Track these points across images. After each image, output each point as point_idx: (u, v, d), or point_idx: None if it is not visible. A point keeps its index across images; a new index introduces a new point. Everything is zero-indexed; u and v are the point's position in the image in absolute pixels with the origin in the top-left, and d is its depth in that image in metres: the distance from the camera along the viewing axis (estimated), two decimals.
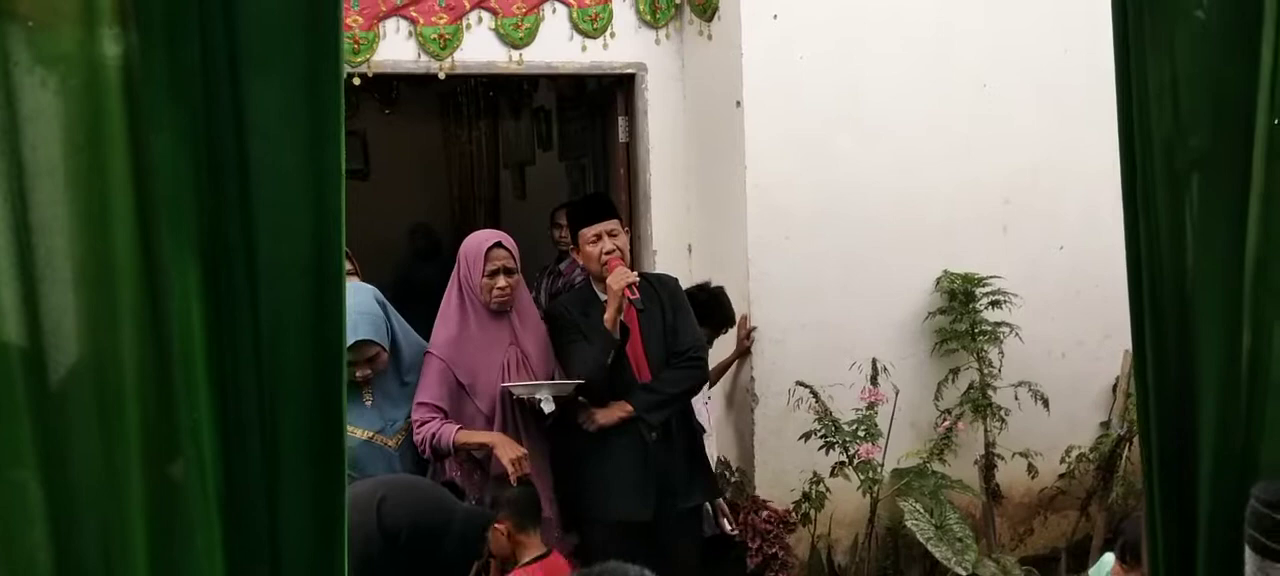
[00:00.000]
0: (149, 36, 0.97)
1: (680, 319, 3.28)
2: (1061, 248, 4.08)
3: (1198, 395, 1.35)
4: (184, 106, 0.97)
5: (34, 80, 0.95)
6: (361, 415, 3.01)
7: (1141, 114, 1.25)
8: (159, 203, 0.98)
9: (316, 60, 0.97)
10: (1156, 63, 1.23)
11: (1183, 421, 1.35)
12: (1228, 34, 1.23)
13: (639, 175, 4.22)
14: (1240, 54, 1.24)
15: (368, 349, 2.92)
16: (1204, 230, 1.29)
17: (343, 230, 1.01)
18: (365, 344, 2.91)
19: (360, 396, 3.02)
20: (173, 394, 1.00)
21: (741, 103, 3.76)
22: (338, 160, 0.99)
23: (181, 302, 0.98)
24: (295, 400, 1.02)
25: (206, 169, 0.97)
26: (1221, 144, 1.26)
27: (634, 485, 3.17)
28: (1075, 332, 4.12)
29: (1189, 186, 1.28)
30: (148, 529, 1.03)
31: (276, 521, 1.05)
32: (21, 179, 0.94)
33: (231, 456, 1.01)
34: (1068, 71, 3.96)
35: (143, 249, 0.98)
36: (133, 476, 1.01)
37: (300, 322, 1.01)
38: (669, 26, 4.08)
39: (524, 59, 3.90)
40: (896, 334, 3.98)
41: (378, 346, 2.95)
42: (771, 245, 3.82)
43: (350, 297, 2.99)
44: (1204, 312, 1.31)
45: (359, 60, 3.67)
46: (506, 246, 3.07)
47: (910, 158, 3.89)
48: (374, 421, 3.02)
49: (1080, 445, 4.11)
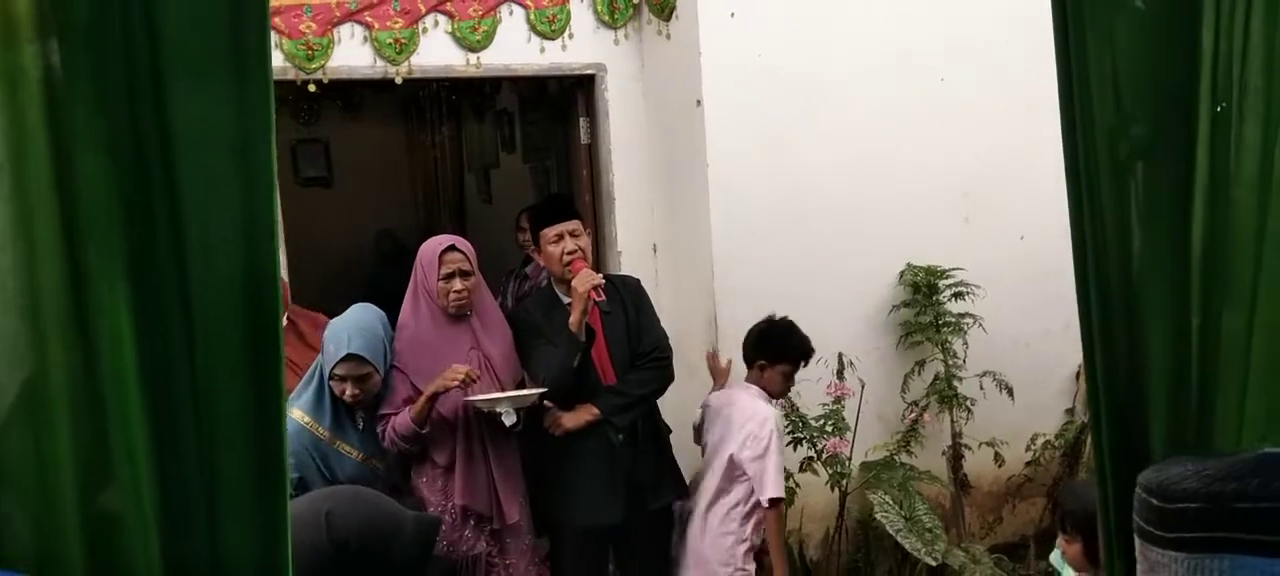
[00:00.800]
0: (71, 51, 0.94)
1: (644, 319, 3.27)
2: (1022, 238, 4.11)
3: (1148, 382, 1.35)
4: (109, 120, 0.95)
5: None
6: (353, 436, 2.98)
7: (1084, 104, 1.26)
8: (85, 219, 0.95)
9: (244, 69, 0.95)
10: (1097, 53, 1.23)
11: (1134, 409, 1.35)
12: (1167, 22, 1.24)
13: (602, 176, 4.21)
14: (1180, 42, 1.25)
15: (360, 366, 2.87)
16: (1149, 218, 1.30)
17: (277, 240, 0.99)
18: (357, 360, 2.86)
19: (352, 418, 2.98)
20: (105, 414, 0.97)
21: (701, 102, 3.76)
22: (269, 169, 0.97)
23: (111, 320, 0.96)
24: (232, 416, 1.00)
25: (133, 183, 0.95)
26: (1164, 132, 1.27)
27: (602, 488, 3.15)
28: (1038, 322, 4.16)
29: (1133, 175, 1.28)
30: (84, 553, 1.00)
31: (217, 540, 1.02)
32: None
33: (168, 475, 0.99)
34: (1024, 63, 3.96)
35: (69, 266, 0.95)
36: (67, 499, 0.99)
37: (234, 336, 0.98)
38: (627, 27, 4.07)
39: (482, 62, 3.87)
40: (862, 327, 3.99)
41: (370, 366, 2.89)
42: (736, 243, 3.82)
43: (353, 314, 2.98)
44: (1151, 300, 1.32)
45: (314, 67, 3.63)
46: (461, 249, 3.05)
47: (871, 152, 3.91)
48: (367, 444, 2.99)
49: (1045, 433, 4.14)
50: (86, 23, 0.94)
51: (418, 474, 3.06)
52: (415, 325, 3.06)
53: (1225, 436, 1.32)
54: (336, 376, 2.87)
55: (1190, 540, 0.89)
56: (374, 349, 2.90)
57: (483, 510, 3.03)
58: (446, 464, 3.02)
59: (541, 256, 3.23)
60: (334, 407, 2.94)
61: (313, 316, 3.54)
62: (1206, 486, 0.90)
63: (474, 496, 3.02)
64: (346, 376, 2.87)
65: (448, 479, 3.03)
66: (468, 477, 3.01)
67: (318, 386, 2.93)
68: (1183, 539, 0.90)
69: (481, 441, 3.04)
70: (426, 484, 3.04)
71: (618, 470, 3.17)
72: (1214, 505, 0.88)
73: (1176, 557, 0.91)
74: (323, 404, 2.93)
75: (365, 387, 2.90)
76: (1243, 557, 0.86)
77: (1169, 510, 0.92)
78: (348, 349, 2.84)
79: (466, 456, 3.02)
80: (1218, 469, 0.92)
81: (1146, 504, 0.95)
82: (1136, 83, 1.25)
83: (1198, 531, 0.89)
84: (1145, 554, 0.95)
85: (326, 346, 2.90)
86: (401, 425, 2.93)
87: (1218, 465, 0.93)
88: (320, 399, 2.93)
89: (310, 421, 2.90)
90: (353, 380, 2.87)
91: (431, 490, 3.03)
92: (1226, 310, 1.31)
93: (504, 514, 3.06)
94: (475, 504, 3.02)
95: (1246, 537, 0.85)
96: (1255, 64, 1.21)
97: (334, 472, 2.90)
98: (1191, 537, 0.89)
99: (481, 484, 3.04)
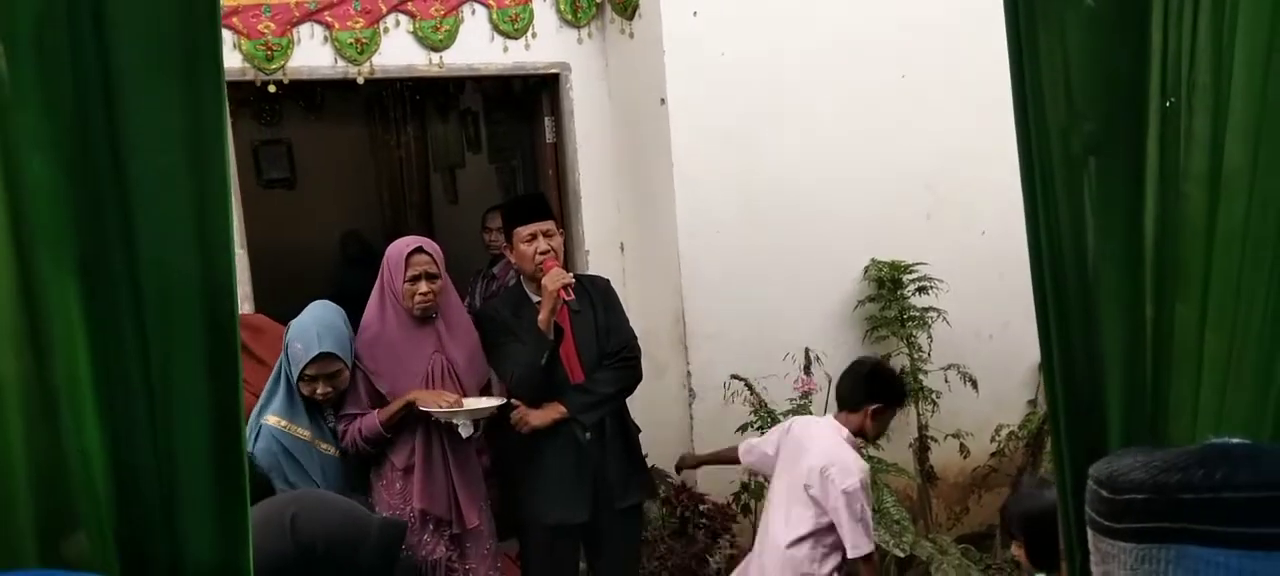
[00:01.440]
0: (18, 54, 0.93)
1: (613, 319, 3.27)
2: (983, 232, 4.16)
3: (1104, 375, 1.37)
4: (58, 125, 0.93)
5: None
6: (330, 435, 2.96)
7: (1036, 100, 1.27)
8: (36, 225, 0.94)
9: (195, 69, 0.93)
10: (1049, 49, 1.25)
11: (1090, 400, 1.37)
12: (1117, 19, 1.26)
13: (568, 175, 4.20)
14: (1130, 38, 1.26)
15: (331, 363, 2.86)
16: (1103, 212, 1.31)
17: (232, 243, 0.98)
18: (329, 358, 2.85)
19: (322, 415, 2.96)
20: (59, 419, 0.96)
21: (665, 100, 3.77)
22: (222, 172, 0.96)
23: (63, 326, 0.94)
24: (189, 421, 0.99)
25: (84, 187, 0.94)
26: (1116, 127, 1.29)
27: (570, 487, 3.15)
28: (1000, 314, 4.21)
29: (1086, 170, 1.30)
30: (39, 563, 0.98)
31: (177, 545, 1.01)
32: None
33: (124, 480, 0.97)
34: (983, 59, 4.00)
35: (20, 272, 0.94)
36: (21, 507, 0.97)
37: (191, 341, 0.97)
38: (590, 26, 4.07)
39: (444, 61, 3.86)
40: (828, 323, 4.02)
41: (340, 362, 2.88)
42: (701, 240, 3.84)
43: (314, 311, 2.96)
44: (1106, 293, 1.34)
45: (273, 67, 3.59)
46: (428, 251, 3.03)
47: (834, 149, 3.94)
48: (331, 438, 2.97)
49: (1009, 423, 4.20)
50: (33, 25, 0.92)
51: (376, 476, 3.04)
52: (380, 326, 3.04)
53: (1180, 427, 1.34)
54: (307, 377, 2.85)
55: (1138, 530, 0.91)
56: (342, 345, 2.91)
57: (442, 514, 3.02)
58: (404, 466, 3.01)
59: (513, 254, 3.22)
60: (307, 409, 2.92)
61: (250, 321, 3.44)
62: (1153, 477, 0.91)
63: (433, 501, 3.00)
64: (318, 375, 2.86)
65: (406, 482, 3.01)
66: (426, 481, 3.00)
67: (287, 389, 2.91)
68: (1131, 529, 0.92)
69: (442, 444, 3.03)
70: (385, 487, 3.02)
71: (586, 468, 3.17)
72: (1160, 496, 0.90)
73: (1125, 548, 0.92)
74: (296, 405, 2.91)
75: (335, 384, 2.90)
76: (1188, 547, 0.87)
77: (1117, 501, 0.94)
78: (319, 348, 2.83)
79: (426, 460, 3.01)
80: (1165, 460, 0.93)
81: (1096, 495, 0.97)
82: (1088, 78, 1.27)
83: (1145, 522, 0.90)
84: (1097, 544, 0.97)
85: (292, 347, 2.87)
86: (369, 427, 2.92)
87: (1165, 456, 0.95)
88: (292, 401, 2.91)
89: (288, 425, 2.88)
90: (324, 378, 2.86)
91: (390, 493, 3.01)
92: (1178, 302, 1.33)
93: (464, 518, 3.04)
94: (434, 508, 3.01)
95: (1192, 527, 0.87)
96: (1204, 61, 1.23)
97: (319, 474, 2.87)
98: (1139, 528, 0.91)
99: (441, 488, 3.03)
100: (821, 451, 2.86)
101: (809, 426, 3.03)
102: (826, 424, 2.98)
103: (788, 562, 2.87)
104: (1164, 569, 0.88)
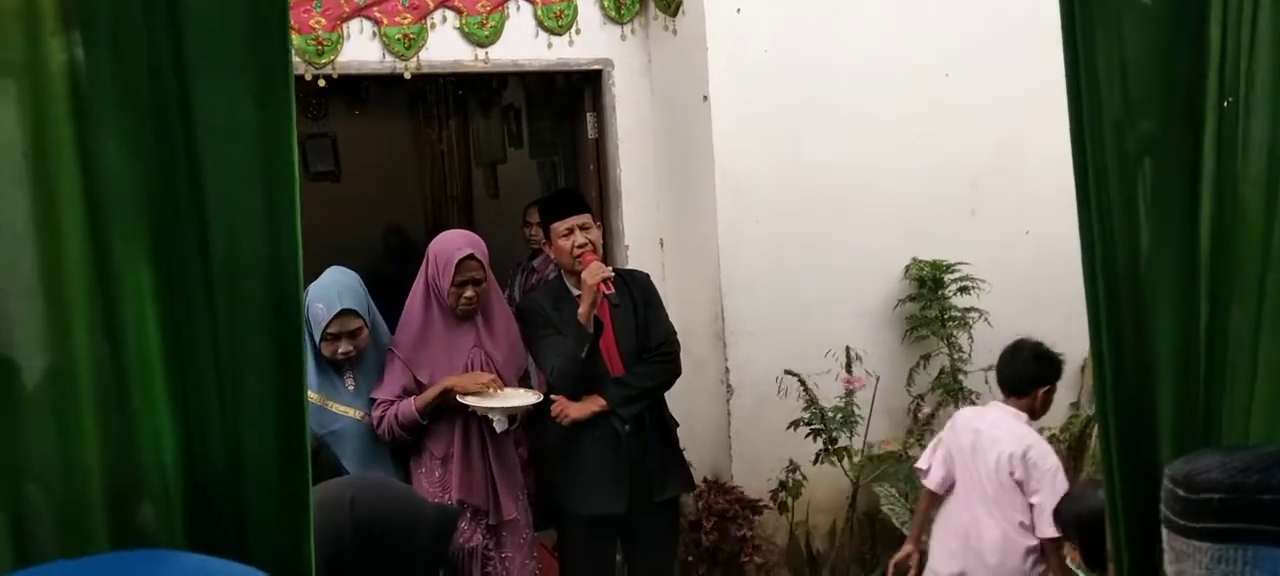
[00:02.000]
0: (94, 44, 0.96)
1: (653, 314, 3.29)
2: (1027, 232, 4.12)
3: (1156, 377, 1.36)
4: (132, 112, 0.96)
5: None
6: (344, 396, 3.01)
7: (1091, 98, 1.26)
8: (110, 209, 0.97)
9: (265, 62, 0.96)
10: (1105, 46, 1.24)
11: (1141, 404, 1.36)
12: (1175, 17, 1.25)
13: (609, 171, 4.22)
14: (1187, 36, 1.25)
15: (351, 320, 2.92)
16: (1157, 213, 1.30)
17: (298, 230, 1.01)
18: (350, 315, 2.92)
19: (342, 379, 3.02)
20: (131, 401, 0.99)
21: (708, 96, 3.77)
22: (289, 160, 0.98)
23: (136, 308, 0.97)
24: (257, 403, 1.02)
25: (157, 174, 0.97)
26: (1172, 126, 1.27)
27: (608, 479, 3.18)
28: (1043, 316, 4.14)
29: (1141, 169, 1.29)
30: (110, 541, 1.02)
31: (243, 526, 1.04)
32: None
33: (194, 462, 1.00)
34: (1031, 55, 3.99)
35: (94, 256, 0.97)
36: (93, 486, 1.01)
37: (258, 324, 1.00)
38: (634, 22, 4.08)
39: (490, 57, 3.89)
40: (867, 321, 4.01)
41: (361, 319, 2.94)
42: (742, 237, 3.84)
43: (332, 274, 3.03)
44: (1159, 295, 1.33)
45: (324, 62, 3.65)
46: (478, 257, 3.05)
47: (877, 146, 3.92)
48: (358, 402, 3.02)
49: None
50: (109, 15, 0.95)
51: (415, 464, 3.08)
52: (421, 319, 3.08)
53: (1232, 430, 1.33)
54: (330, 336, 2.92)
55: (1215, 530, 0.90)
56: (361, 302, 2.98)
57: (479, 504, 3.05)
58: (443, 456, 3.04)
59: (552, 250, 3.25)
60: (319, 370, 2.97)
61: None
62: (1231, 477, 0.91)
63: (471, 491, 3.04)
64: (340, 333, 2.92)
65: (445, 471, 3.04)
66: (465, 471, 3.04)
67: (313, 354, 2.97)
68: (1207, 529, 0.91)
69: (480, 435, 3.06)
70: (424, 475, 3.06)
71: (624, 460, 3.19)
72: (1237, 496, 0.89)
73: (1201, 547, 0.92)
74: (320, 370, 2.98)
75: (356, 343, 2.95)
76: (1265, 548, 0.87)
77: (1194, 500, 0.93)
78: (341, 305, 2.89)
79: (464, 450, 3.05)
80: (1243, 460, 0.93)
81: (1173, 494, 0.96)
82: (1144, 77, 1.26)
83: (1222, 522, 0.90)
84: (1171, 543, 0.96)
85: (313, 308, 2.94)
86: (405, 413, 2.95)
87: (1244, 457, 0.94)
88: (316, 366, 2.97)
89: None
90: (346, 336, 2.92)
91: (428, 481, 3.04)
92: (1234, 305, 1.32)
93: (501, 509, 3.07)
94: (472, 498, 3.04)
95: (1269, 529, 0.86)
96: (1263, 59, 1.22)
97: (329, 434, 2.91)
98: (1216, 528, 0.90)
99: (479, 478, 3.06)
100: (1015, 437, 2.96)
101: (983, 417, 3.12)
102: (1000, 410, 3.07)
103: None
104: (1241, 569, 0.88)
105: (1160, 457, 1.39)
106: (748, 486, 3.82)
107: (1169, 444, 1.38)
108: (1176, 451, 1.37)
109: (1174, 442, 1.37)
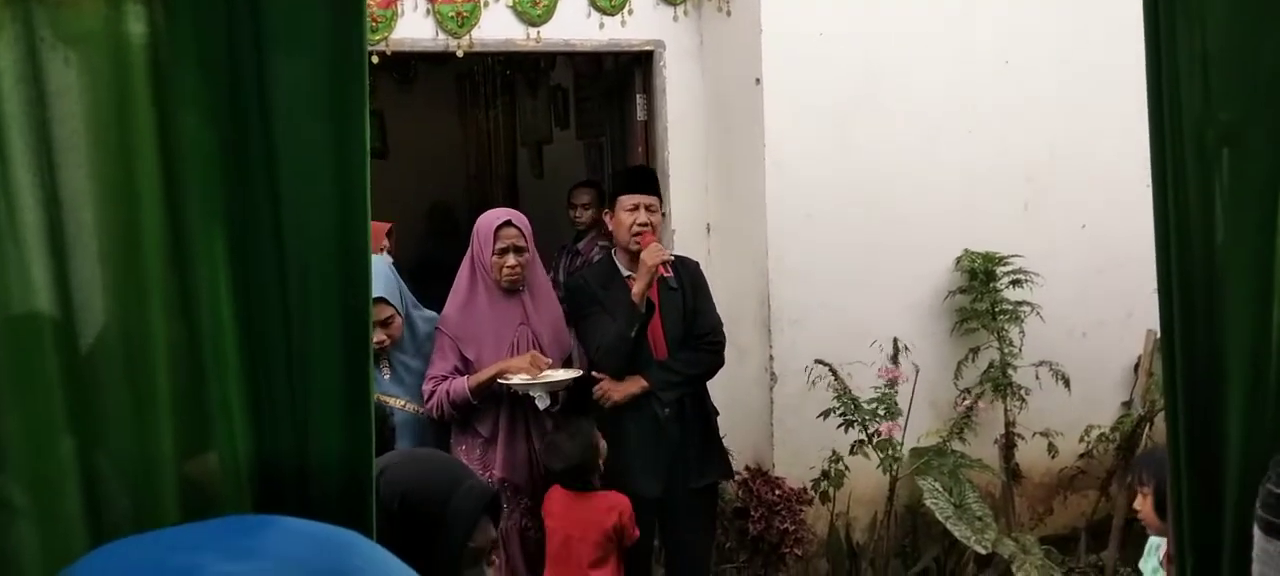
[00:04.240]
0: (173, 14, 0.97)
1: (701, 302, 3.29)
2: (1083, 226, 4.05)
3: (1226, 374, 1.33)
4: (209, 83, 0.97)
5: (58, 57, 0.96)
6: (380, 384, 3.04)
7: (1171, 88, 1.23)
8: (185, 178, 0.98)
9: (340, 36, 0.97)
10: (1187, 36, 1.21)
11: (1211, 400, 1.33)
12: (1262, 7, 1.21)
13: (657, 154, 4.21)
14: (1274, 28, 1.21)
15: (383, 309, 2.94)
16: (1234, 207, 1.27)
17: (367, 205, 1.02)
18: (381, 303, 2.92)
19: (378, 367, 3.04)
20: (203, 367, 1.01)
21: (760, 80, 3.75)
22: (362, 135, 0.99)
23: (209, 276, 0.99)
24: (323, 374, 1.03)
25: (232, 145, 0.98)
26: (1253, 119, 1.24)
27: (646, 461, 3.19)
28: (1097, 312, 4.09)
29: (1219, 162, 1.26)
30: (179, 503, 1.04)
31: (307, 495, 1.05)
32: (50, 154, 0.95)
33: (262, 430, 1.02)
34: (1090, 48, 3.92)
35: (169, 223, 0.98)
36: (164, 450, 1.02)
37: (327, 296, 1.01)
38: (687, 3, 4.06)
39: (542, 36, 3.89)
40: (916, 313, 3.97)
41: (392, 308, 2.96)
42: (791, 224, 3.81)
43: None
44: (1233, 290, 1.30)
45: (377, 38, 3.67)
46: (517, 224, 3.08)
47: (931, 135, 3.87)
48: (394, 390, 3.05)
49: (1101, 425, 4.09)
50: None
51: (457, 441, 3.11)
52: (468, 295, 3.10)
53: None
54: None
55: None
56: (391, 291, 2.98)
57: (521, 484, 3.08)
58: (488, 435, 3.07)
59: (612, 221, 3.26)
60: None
61: None
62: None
63: (513, 470, 3.07)
64: (375, 322, 2.94)
65: (487, 450, 3.08)
66: (509, 452, 3.07)
67: None
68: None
69: (525, 417, 3.09)
70: (465, 452, 3.09)
71: (663, 445, 3.20)
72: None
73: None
74: None
75: (389, 331, 2.96)
76: None
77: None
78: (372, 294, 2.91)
79: (510, 430, 3.07)
80: None
81: (1271, 495, 0.94)
82: (1226, 68, 1.23)
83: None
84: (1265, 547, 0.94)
85: None
86: (457, 391, 2.98)
87: None
88: None
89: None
90: (377, 325, 2.93)
91: (469, 459, 3.07)
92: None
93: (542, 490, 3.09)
94: (514, 478, 3.07)
95: None
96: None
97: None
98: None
99: (522, 459, 3.09)
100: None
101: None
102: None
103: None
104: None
105: (1227, 456, 1.37)
106: (789, 475, 3.81)
107: (1238, 442, 1.35)
108: (1245, 450, 1.34)
109: (1243, 441, 1.34)
